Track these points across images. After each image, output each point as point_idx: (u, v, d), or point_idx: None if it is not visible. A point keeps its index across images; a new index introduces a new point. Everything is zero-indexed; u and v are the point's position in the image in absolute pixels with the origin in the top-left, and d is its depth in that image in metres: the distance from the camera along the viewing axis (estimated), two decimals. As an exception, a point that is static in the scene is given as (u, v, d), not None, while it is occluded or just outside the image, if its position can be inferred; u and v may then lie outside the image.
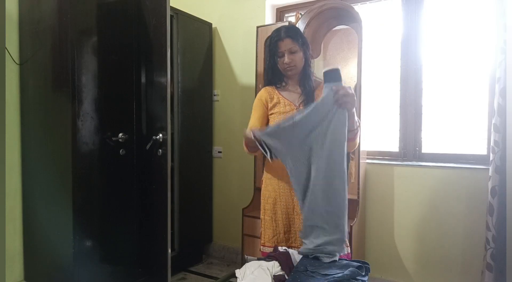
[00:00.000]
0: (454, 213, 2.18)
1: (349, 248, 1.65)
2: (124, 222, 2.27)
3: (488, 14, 2.16)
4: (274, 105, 1.67)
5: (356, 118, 1.44)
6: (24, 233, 2.26)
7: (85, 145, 2.03)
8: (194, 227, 2.92)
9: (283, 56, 1.60)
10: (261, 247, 1.71)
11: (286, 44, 1.58)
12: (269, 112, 1.69)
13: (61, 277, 2.09)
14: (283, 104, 1.65)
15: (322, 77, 1.46)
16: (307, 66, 1.65)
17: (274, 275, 1.27)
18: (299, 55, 1.61)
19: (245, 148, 1.59)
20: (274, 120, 1.65)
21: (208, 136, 3.06)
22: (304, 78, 1.65)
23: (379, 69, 2.54)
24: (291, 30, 1.62)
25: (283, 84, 1.71)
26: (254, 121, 1.69)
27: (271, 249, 1.64)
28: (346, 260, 1.38)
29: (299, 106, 1.63)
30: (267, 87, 1.75)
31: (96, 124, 2.08)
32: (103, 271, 2.15)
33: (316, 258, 1.36)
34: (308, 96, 1.62)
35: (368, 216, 2.44)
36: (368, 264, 1.31)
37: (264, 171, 1.77)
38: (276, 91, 1.70)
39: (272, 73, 1.69)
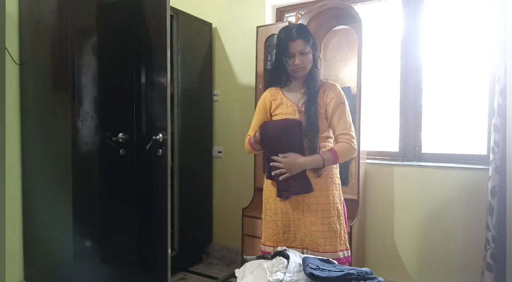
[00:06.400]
0: (454, 213, 2.18)
1: (349, 250, 1.64)
2: (124, 222, 2.27)
3: (488, 14, 2.16)
4: (277, 106, 1.68)
5: (321, 156, 1.56)
6: (24, 233, 2.26)
7: (85, 145, 2.03)
8: (194, 227, 2.92)
9: (293, 57, 1.57)
10: (261, 246, 1.71)
11: (298, 45, 1.55)
12: (273, 113, 1.71)
13: (61, 277, 2.09)
14: (286, 105, 1.66)
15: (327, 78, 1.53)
16: (314, 67, 1.64)
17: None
18: (309, 57, 1.59)
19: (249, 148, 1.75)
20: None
21: (208, 136, 3.06)
22: (310, 79, 1.63)
23: (379, 69, 2.54)
24: (302, 30, 1.59)
25: (288, 84, 1.69)
26: (253, 127, 1.77)
27: (271, 249, 1.64)
28: (345, 267, 1.36)
29: (301, 106, 1.63)
30: (271, 88, 1.75)
31: (96, 124, 2.08)
32: (103, 271, 2.15)
33: (319, 259, 1.35)
34: (310, 96, 1.61)
35: (368, 216, 2.44)
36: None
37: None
38: (280, 92, 1.70)
39: (278, 73, 1.67)
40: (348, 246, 1.64)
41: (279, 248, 1.48)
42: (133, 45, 2.26)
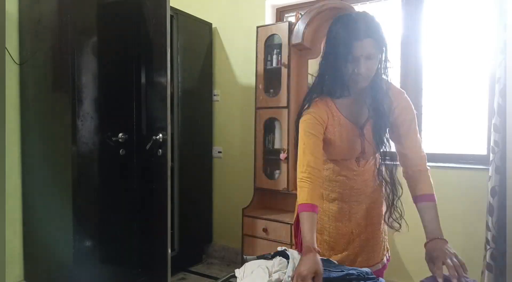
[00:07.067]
0: (454, 213, 2.18)
1: (389, 251, 1.51)
2: (124, 222, 2.26)
3: (488, 14, 2.16)
4: (331, 125, 1.28)
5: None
6: (24, 233, 2.26)
7: (85, 145, 2.03)
8: (194, 227, 2.92)
9: (357, 61, 1.14)
10: None
11: (365, 46, 1.12)
12: (326, 133, 1.28)
13: (61, 277, 2.08)
14: (346, 128, 1.27)
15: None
16: (379, 74, 1.21)
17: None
18: (376, 61, 1.17)
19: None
20: (333, 145, 1.29)
21: (208, 136, 3.06)
22: (375, 89, 1.22)
23: (379, 69, 2.54)
24: (373, 26, 1.16)
25: (344, 96, 1.23)
26: (311, 153, 1.21)
27: None
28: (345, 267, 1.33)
29: (363, 130, 1.27)
30: (320, 100, 1.27)
31: (96, 124, 2.08)
32: (103, 271, 2.15)
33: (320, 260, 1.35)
34: (377, 115, 1.22)
35: (368, 216, 2.43)
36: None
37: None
38: (335, 107, 1.27)
39: (334, 81, 1.22)
40: (388, 246, 1.52)
41: (279, 248, 1.48)
42: (133, 45, 2.26)
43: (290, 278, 1.14)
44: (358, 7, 2.51)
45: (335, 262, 1.36)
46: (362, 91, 1.24)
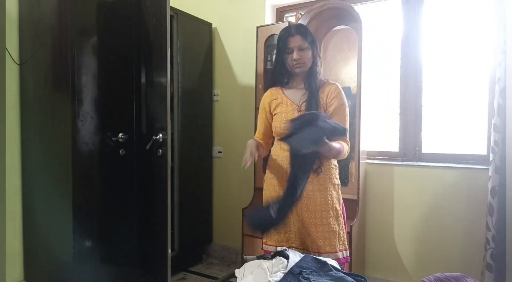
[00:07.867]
0: (454, 213, 2.18)
1: (348, 251, 1.64)
2: (124, 222, 2.26)
3: (488, 14, 2.16)
4: (277, 105, 1.70)
5: (335, 145, 1.48)
6: (24, 233, 2.26)
7: (85, 145, 2.03)
8: (194, 227, 2.92)
9: (292, 52, 1.60)
10: (264, 245, 1.71)
11: (296, 40, 1.59)
12: (273, 113, 1.72)
13: (61, 277, 2.09)
14: (286, 104, 1.67)
15: (327, 78, 1.57)
16: (314, 65, 1.66)
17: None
18: (308, 53, 1.62)
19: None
20: (277, 120, 1.68)
21: (208, 136, 3.06)
22: (310, 77, 1.65)
23: (379, 69, 2.54)
24: (301, 27, 1.65)
25: (289, 83, 1.71)
26: (258, 130, 1.80)
27: (273, 248, 1.65)
28: (342, 272, 1.35)
29: (300, 106, 1.64)
30: (272, 88, 1.76)
31: (96, 124, 2.08)
32: (103, 271, 2.15)
33: (315, 261, 1.35)
34: (311, 95, 1.63)
35: (368, 216, 2.44)
36: (364, 279, 1.30)
37: (266, 170, 1.78)
38: (281, 91, 1.71)
39: (280, 71, 1.69)
40: (347, 246, 1.64)
41: (279, 248, 1.48)
42: (133, 45, 2.26)
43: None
44: (358, 7, 2.51)
45: (331, 268, 1.36)
46: (301, 78, 1.67)
